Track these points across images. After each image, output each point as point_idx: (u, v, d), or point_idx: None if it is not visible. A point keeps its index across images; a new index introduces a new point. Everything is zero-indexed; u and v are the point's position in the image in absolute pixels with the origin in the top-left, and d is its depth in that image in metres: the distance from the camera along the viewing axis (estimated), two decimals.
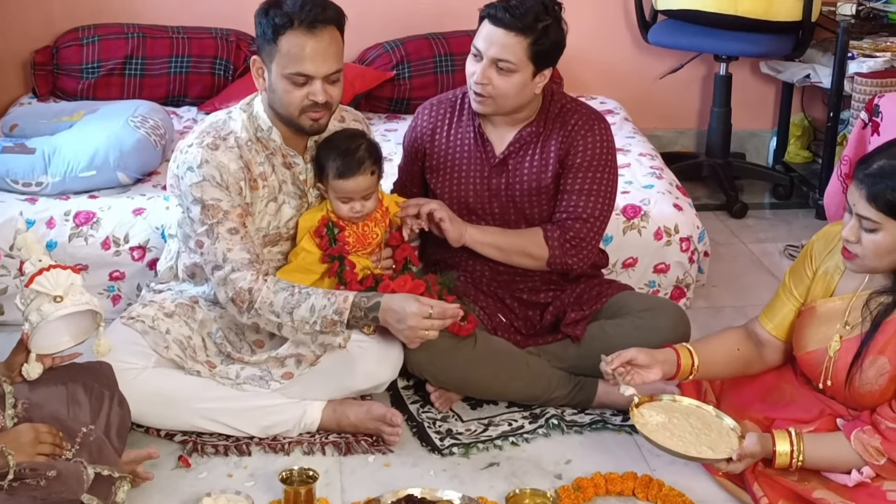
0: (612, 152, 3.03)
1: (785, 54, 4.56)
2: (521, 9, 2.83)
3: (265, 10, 2.70)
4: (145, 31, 4.44)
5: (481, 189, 3.05)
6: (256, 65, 2.75)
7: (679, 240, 3.55)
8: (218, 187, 2.71)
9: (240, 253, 2.71)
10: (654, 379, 2.71)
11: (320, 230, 2.84)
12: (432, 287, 2.86)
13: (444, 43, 4.55)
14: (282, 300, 2.70)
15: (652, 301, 3.11)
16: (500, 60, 2.85)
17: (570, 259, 3.00)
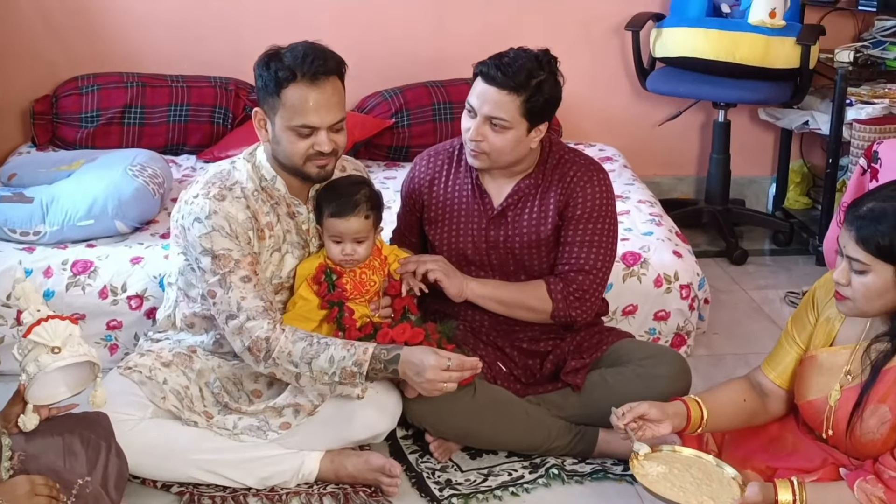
0: (611, 203, 3.03)
1: (783, 101, 4.57)
2: (513, 67, 2.82)
3: (266, 62, 2.71)
4: (145, 79, 4.46)
5: (479, 241, 3.05)
6: (258, 116, 2.76)
7: (679, 287, 3.55)
8: (227, 237, 2.71)
9: (254, 301, 2.70)
10: (664, 433, 2.68)
11: (318, 276, 2.84)
12: (431, 336, 2.86)
13: (442, 91, 4.57)
14: (300, 350, 2.68)
15: (652, 349, 3.10)
16: (494, 118, 2.85)
17: (574, 311, 2.99)
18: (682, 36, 4.45)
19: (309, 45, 2.71)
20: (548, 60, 2.89)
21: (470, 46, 4.74)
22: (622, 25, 4.71)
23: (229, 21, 4.63)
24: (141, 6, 4.59)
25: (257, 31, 4.63)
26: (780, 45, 4.31)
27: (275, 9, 4.63)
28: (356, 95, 4.67)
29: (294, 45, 2.72)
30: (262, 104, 2.74)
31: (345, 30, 4.68)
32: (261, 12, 4.63)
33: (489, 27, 4.78)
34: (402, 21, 4.73)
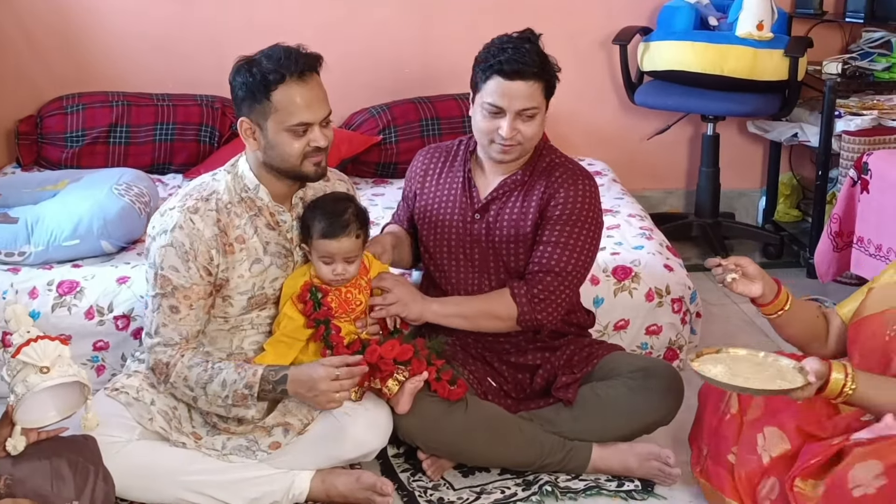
0: (593, 209, 3.02)
1: (772, 113, 4.59)
2: (527, 56, 2.87)
3: (246, 70, 2.70)
4: (130, 98, 4.45)
5: (463, 234, 3.04)
6: (245, 126, 2.74)
7: (671, 301, 3.54)
8: (180, 258, 2.71)
9: (171, 332, 2.75)
10: (754, 293, 2.78)
11: (303, 295, 2.82)
12: (420, 352, 2.84)
13: (430, 107, 4.57)
14: (195, 375, 2.74)
15: (644, 361, 3.08)
16: (526, 109, 2.88)
17: (540, 314, 2.95)
18: (669, 49, 4.46)
19: (284, 47, 2.73)
20: (531, 35, 2.97)
21: (456, 62, 4.73)
22: (609, 39, 4.72)
23: (214, 39, 4.62)
24: (125, 25, 4.58)
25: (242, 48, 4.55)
26: (768, 58, 4.32)
27: (259, 27, 4.63)
28: (343, 112, 4.67)
29: (268, 50, 2.73)
30: (248, 114, 2.72)
31: (331, 47, 4.62)
32: (245, 30, 4.62)
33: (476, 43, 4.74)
34: (388, 37, 4.74)
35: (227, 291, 2.79)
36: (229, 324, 2.84)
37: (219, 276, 2.76)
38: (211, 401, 2.75)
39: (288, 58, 2.68)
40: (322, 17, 4.67)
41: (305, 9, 4.66)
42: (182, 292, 2.73)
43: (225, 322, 2.84)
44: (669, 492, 2.93)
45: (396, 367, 2.81)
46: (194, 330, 2.78)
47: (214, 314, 2.83)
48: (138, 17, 4.58)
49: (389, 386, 2.81)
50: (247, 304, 2.82)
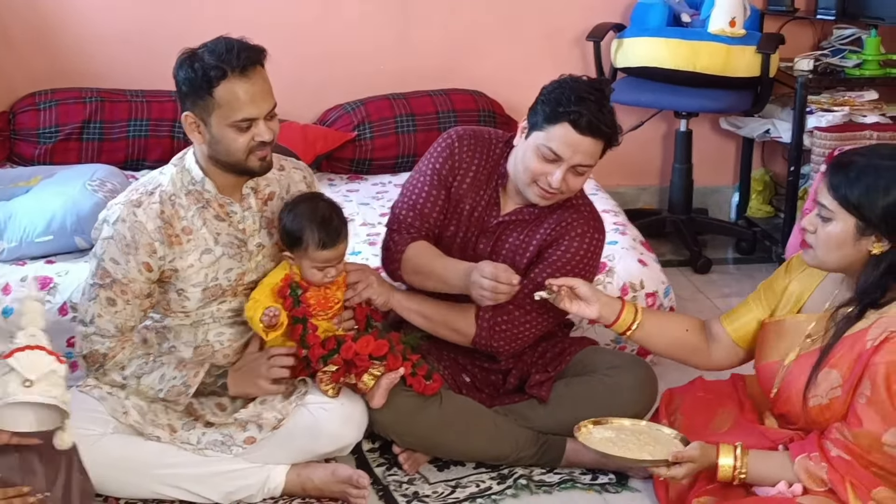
0: (590, 264, 2.96)
1: (744, 110, 4.62)
2: (606, 116, 2.77)
3: (188, 64, 2.67)
4: (104, 94, 4.43)
5: (465, 249, 3.01)
6: (189, 120, 2.71)
7: (645, 295, 3.55)
8: (121, 250, 2.71)
9: (107, 323, 2.76)
10: (589, 315, 2.85)
11: (284, 290, 2.81)
12: (395, 347, 2.84)
13: (404, 103, 4.58)
14: (134, 367, 2.78)
15: (618, 358, 3.09)
16: (582, 165, 2.81)
17: (497, 342, 2.95)
18: (642, 46, 4.48)
19: (227, 40, 2.69)
20: (609, 88, 2.88)
21: (433, 59, 4.78)
22: (583, 36, 4.73)
23: (188, 35, 4.51)
24: (99, 21, 4.56)
25: None
26: (741, 54, 4.35)
27: (234, 23, 4.54)
28: (317, 109, 4.67)
29: (211, 43, 2.70)
30: (191, 108, 2.69)
31: (306, 43, 4.68)
32: (220, 27, 4.49)
33: (452, 40, 4.79)
34: (363, 34, 4.73)
35: (180, 283, 2.78)
36: (190, 318, 2.84)
37: (165, 267, 2.75)
38: (142, 390, 2.79)
39: (230, 52, 2.65)
40: (297, 14, 4.66)
41: (280, 4, 4.65)
42: (119, 286, 2.73)
43: (186, 317, 2.83)
44: (644, 485, 2.94)
45: (372, 363, 2.82)
46: (129, 325, 2.78)
47: (173, 309, 2.82)
48: (112, 13, 4.56)
49: (365, 381, 2.81)
50: (202, 297, 2.81)
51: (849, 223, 2.50)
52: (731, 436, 2.70)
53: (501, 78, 4.78)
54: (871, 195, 2.46)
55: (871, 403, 2.44)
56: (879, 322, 2.48)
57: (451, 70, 4.78)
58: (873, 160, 2.50)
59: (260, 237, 2.86)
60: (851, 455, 2.46)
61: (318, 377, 2.82)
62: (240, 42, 2.69)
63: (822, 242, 2.55)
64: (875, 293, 2.52)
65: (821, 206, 2.54)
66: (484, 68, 4.81)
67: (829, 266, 2.61)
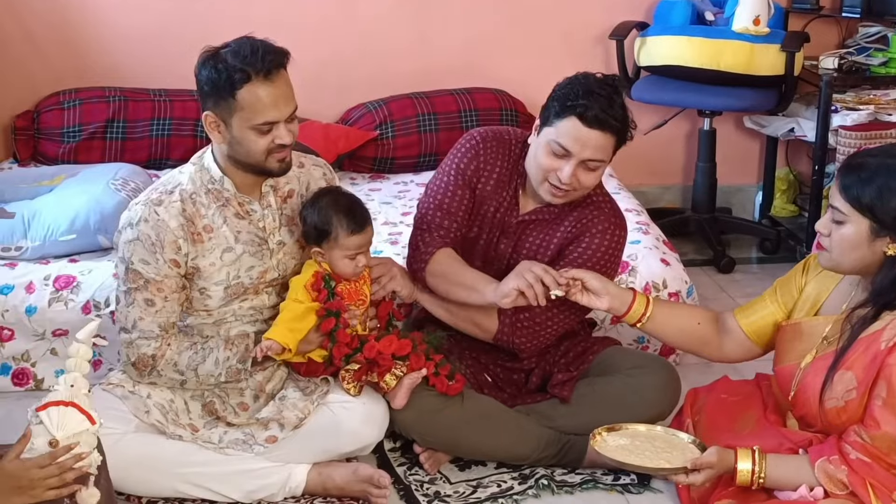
0: (613, 261, 2.95)
1: (768, 109, 4.59)
2: (614, 109, 2.74)
3: (211, 65, 2.66)
4: (127, 94, 4.44)
5: (488, 249, 3.01)
6: (210, 120, 2.71)
7: (668, 295, 3.54)
8: (148, 251, 2.71)
9: (150, 325, 2.76)
10: (600, 307, 2.83)
11: (318, 284, 2.81)
12: (419, 346, 2.84)
13: (427, 102, 4.57)
14: (186, 359, 2.78)
15: (641, 358, 3.09)
16: (592, 160, 2.78)
17: (519, 339, 2.94)
18: (666, 44, 4.46)
19: (252, 41, 2.68)
20: (622, 84, 2.85)
21: (453, 58, 4.78)
22: (606, 35, 4.71)
23: (211, 34, 4.53)
24: (122, 20, 4.57)
25: None
26: (765, 53, 4.32)
27: (257, 22, 4.54)
28: (340, 108, 4.67)
29: (234, 44, 2.68)
30: (212, 108, 2.68)
31: (328, 43, 4.68)
32: (242, 26, 4.51)
33: (472, 39, 4.79)
34: (385, 33, 4.73)
35: (202, 282, 2.79)
36: (213, 317, 2.84)
37: (189, 264, 2.76)
38: (202, 380, 2.80)
39: (254, 54, 2.63)
40: (319, 12, 4.67)
41: (302, 3, 4.65)
42: (155, 285, 2.73)
43: (208, 315, 2.84)
44: (666, 486, 2.93)
45: (395, 363, 2.82)
46: (171, 321, 2.78)
47: (195, 308, 2.83)
48: (135, 13, 4.57)
49: (387, 381, 2.81)
50: (224, 295, 2.81)
51: (862, 225, 2.48)
52: (752, 438, 2.68)
53: (524, 77, 4.77)
54: (884, 196, 2.44)
55: (887, 405, 2.42)
56: (894, 323, 2.45)
57: (473, 69, 4.77)
58: (886, 160, 2.47)
59: (280, 235, 2.86)
60: (871, 457, 2.44)
61: (340, 375, 2.82)
62: (264, 44, 2.68)
63: (837, 245, 2.53)
64: (890, 294, 2.50)
65: (833, 208, 2.52)
66: (506, 67, 4.79)
67: (844, 269, 2.59)
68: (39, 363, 3.43)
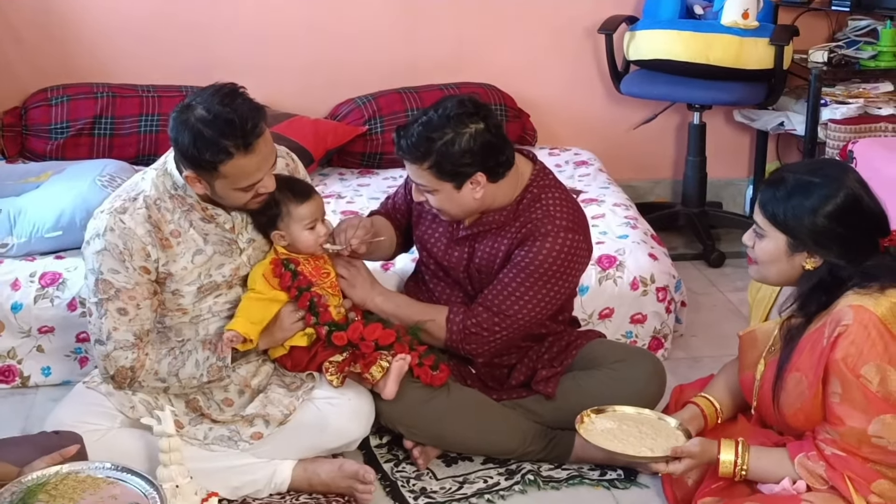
0: (564, 265, 2.87)
1: (758, 102, 4.59)
2: (412, 137, 2.75)
3: (190, 138, 2.57)
4: (115, 90, 4.44)
5: (444, 256, 3.02)
6: (190, 178, 2.67)
7: (655, 289, 3.55)
8: (117, 259, 2.69)
9: (125, 334, 2.74)
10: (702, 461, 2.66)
11: (277, 269, 2.81)
12: (403, 338, 2.85)
13: (416, 97, 4.57)
14: (166, 366, 2.77)
15: (625, 351, 3.09)
16: (417, 183, 2.84)
17: (468, 346, 2.93)
18: (655, 38, 4.45)
19: (228, 109, 2.55)
20: (457, 115, 2.74)
21: (443, 53, 4.77)
22: (595, 28, 4.70)
23: (200, 30, 4.61)
24: (110, 16, 4.56)
25: (228, 40, 4.61)
26: (754, 46, 4.32)
27: (245, 17, 4.62)
28: (329, 103, 4.66)
29: (206, 104, 2.57)
30: (192, 168, 2.64)
31: (317, 37, 4.68)
32: (232, 21, 4.61)
33: (461, 33, 4.78)
34: (374, 28, 4.72)
35: (174, 285, 2.77)
36: (188, 315, 2.83)
37: (160, 270, 2.74)
38: (185, 384, 2.78)
39: (231, 126, 2.55)
40: (308, 8, 4.66)
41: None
42: (126, 293, 2.71)
43: (184, 314, 2.83)
44: (652, 481, 2.93)
45: (380, 354, 2.81)
46: (145, 328, 2.76)
47: (169, 309, 2.82)
48: (123, 8, 4.56)
49: (372, 373, 2.81)
50: (197, 293, 2.81)
51: (780, 241, 2.50)
52: (735, 433, 2.68)
53: (513, 71, 4.77)
54: (798, 214, 2.45)
55: (845, 400, 2.42)
56: (829, 320, 2.45)
57: (462, 63, 4.77)
58: (804, 177, 2.48)
59: (249, 232, 2.85)
60: (845, 452, 2.45)
61: (323, 366, 2.82)
62: (240, 109, 2.57)
63: (760, 258, 2.56)
64: (813, 304, 2.51)
65: (755, 223, 2.54)
66: (495, 61, 4.79)
67: (771, 280, 2.62)
68: (26, 360, 3.43)
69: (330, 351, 2.84)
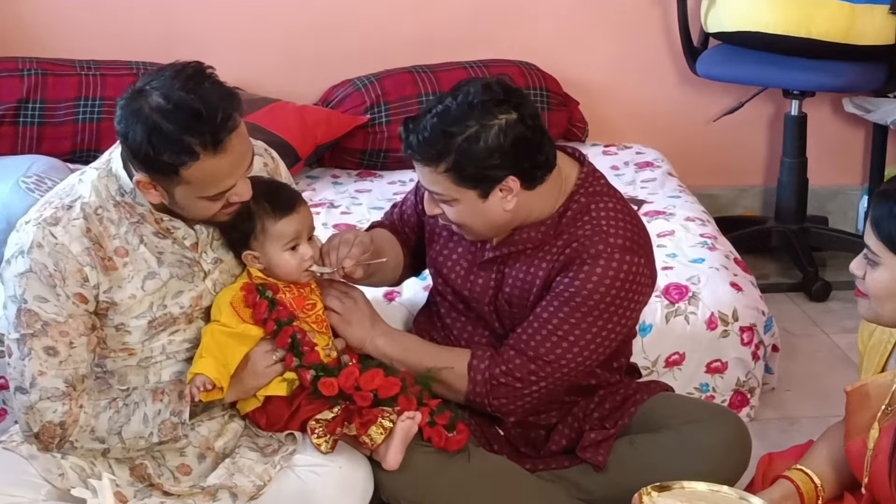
0: (620, 299, 2.85)
1: (874, 88, 4.60)
2: (425, 131, 2.74)
3: (144, 132, 2.54)
4: (46, 66, 4.47)
5: (464, 282, 3.03)
6: (142, 183, 2.64)
7: (739, 329, 3.55)
8: (46, 283, 2.68)
9: (53, 380, 2.72)
10: None
11: (249, 297, 2.80)
12: (410, 388, 2.84)
13: (431, 78, 4.59)
14: (105, 423, 2.76)
15: (699, 409, 3.08)
16: (430, 191, 2.82)
17: (497, 401, 2.92)
18: (741, 5, 4.48)
19: (193, 96, 2.53)
20: (483, 102, 2.73)
21: (466, 21, 4.79)
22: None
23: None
24: None
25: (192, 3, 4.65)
26: (870, 17, 4.34)
27: None
28: (320, 86, 4.70)
29: (171, 99, 2.53)
30: (145, 171, 2.62)
31: (305, 5, 4.70)
32: None
33: None
34: None
35: (119, 318, 2.78)
36: (136, 356, 2.83)
37: (100, 298, 2.74)
38: (130, 445, 2.77)
39: (197, 122, 2.52)
40: None
41: None
42: (57, 328, 2.70)
43: (130, 356, 2.83)
44: None
45: (381, 410, 2.82)
46: (80, 373, 2.75)
47: (112, 347, 2.82)
48: None
49: (371, 435, 2.80)
50: (147, 329, 2.80)
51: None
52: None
53: (556, 44, 4.79)
54: None
55: None
56: None
57: (490, 34, 4.79)
58: None
59: (215, 251, 2.86)
60: None
61: (308, 425, 2.82)
62: (208, 101, 2.54)
63: (872, 291, 2.51)
64: None
65: (866, 246, 2.52)
66: (533, 32, 4.82)
67: (886, 320, 2.57)
68: None
69: (316, 404, 2.84)
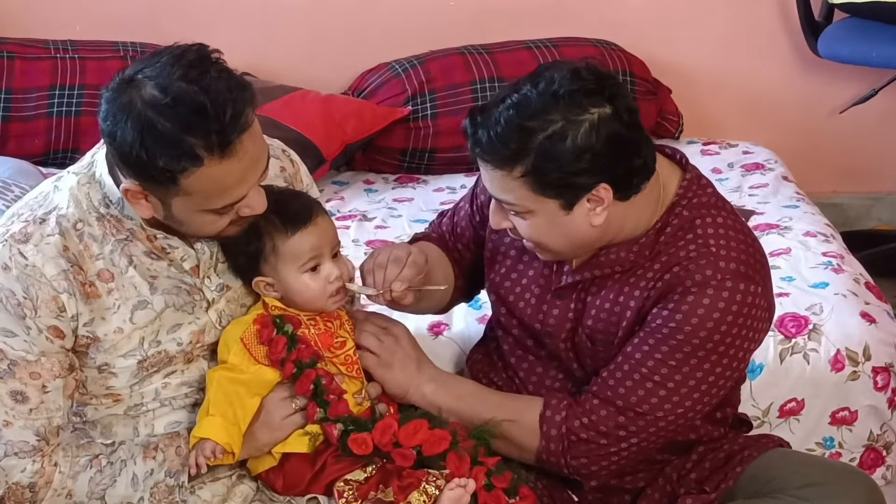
0: (733, 336, 2.81)
1: None
2: (497, 126, 2.69)
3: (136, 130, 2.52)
4: (13, 48, 4.52)
5: (539, 314, 3.02)
6: (131, 193, 2.64)
7: (871, 371, 3.55)
8: (14, 314, 2.69)
9: (22, 432, 2.73)
10: None
11: (265, 332, 2.81)
12: (462, 443, 2.83)
13: (487, 60, 4.61)
14: (85, 484, 2.77)
15: (822, 470, 3.04)
16: (501, 201, 2.80)
17: (576, 461, 2.91)
18: None
19: (195, 87, 2.52)
20: (570, 92, 2.69)
21: None
22: None
23: None
24: None
25: None
26: None
27: None
28: (352, 71, 4.74)
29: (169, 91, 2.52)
30: (136, 178, 2.61)
31: None
32: None
33: None
34: None
35: (102, 356, 2.77)
36: (123, 404, 2.84)
37: (80, 332, 2.74)
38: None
39: (202, 120, 2.51)
40: None
41: None
42: (26, 368, 2.70)
43: (116, 403, 2.84)
44: None
45: (426, 473, 2.82)
46: (54, 423, 2.76)
47: (94, 392, 2.83)
48: None
49: (413, 502, 2.82)
50: (137, 370, 2.80)
51: None
52: None
53: (644, 20, 4.80)
54: None
55: None
56: None
57: (562, 6, 4.81)
58: None
59: (221, 275, 2.87)
60: None
61: (335, 488, 2.83)
62: (215, 94, 2.52)
63: None
64: None
65: None
66: (617, 4, 4.83)
67: None
68: None
69: (345, 463, 2.84)
